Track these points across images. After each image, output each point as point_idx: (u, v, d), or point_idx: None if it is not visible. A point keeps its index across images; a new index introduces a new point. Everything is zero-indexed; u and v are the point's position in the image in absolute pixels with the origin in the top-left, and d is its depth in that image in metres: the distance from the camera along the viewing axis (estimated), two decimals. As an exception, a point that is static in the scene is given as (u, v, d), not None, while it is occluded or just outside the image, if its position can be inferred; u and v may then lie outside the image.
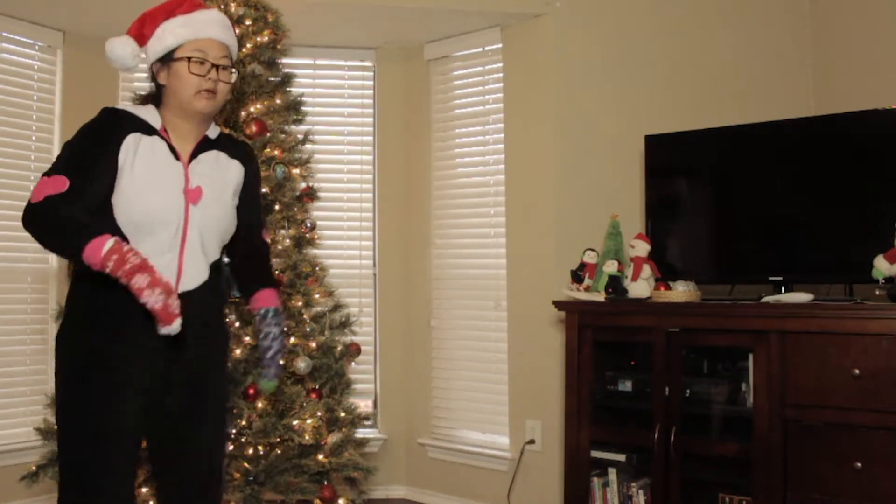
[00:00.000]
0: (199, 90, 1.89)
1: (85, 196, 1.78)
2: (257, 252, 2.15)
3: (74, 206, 1.74)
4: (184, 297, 1.81)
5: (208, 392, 1.98)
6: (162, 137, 1.90)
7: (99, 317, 1.83)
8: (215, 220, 1.93)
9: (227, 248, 2.06)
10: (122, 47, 1.93)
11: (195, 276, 1.90)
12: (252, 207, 2.11)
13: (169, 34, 1.91)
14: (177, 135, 1.93)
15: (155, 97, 1.97)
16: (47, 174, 1.78)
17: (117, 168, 1.82)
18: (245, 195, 2.06)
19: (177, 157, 1.90)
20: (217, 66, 1.91)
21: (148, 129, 1.89)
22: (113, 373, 1.82)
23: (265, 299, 2.11)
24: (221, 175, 1.98)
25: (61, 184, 1.75)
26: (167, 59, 1.91)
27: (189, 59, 1.88)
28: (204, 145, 1.98)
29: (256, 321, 2.13)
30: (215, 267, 1.97)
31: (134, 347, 1.83)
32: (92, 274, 1.71)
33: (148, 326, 1.73)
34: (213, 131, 2.03)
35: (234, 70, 1.98)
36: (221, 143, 2.03)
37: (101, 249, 1.66)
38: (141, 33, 1.94)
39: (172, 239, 1.85)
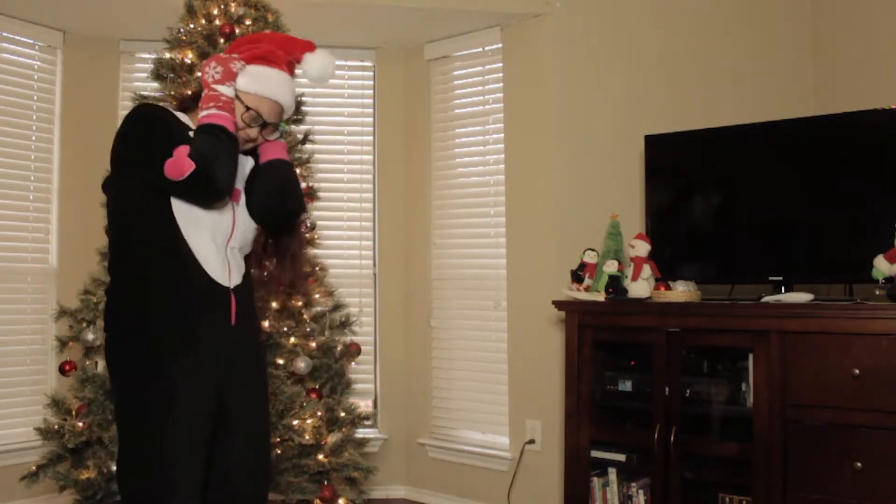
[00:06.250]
0: (246, 140, 1.97)
1: None
2: None
3: None
4: (234, 292, 1.92)
5: (262, 380, 2.09)
6: None
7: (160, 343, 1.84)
8: (248, 218, 2.01)
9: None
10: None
11: (239, 270, 1.97)
12: None
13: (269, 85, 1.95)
14: None
15: (194, 100, 1.99)
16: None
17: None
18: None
19: None
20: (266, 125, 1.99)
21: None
22: (176, 398, 1.81)
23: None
24: (244, 173, 2.05)
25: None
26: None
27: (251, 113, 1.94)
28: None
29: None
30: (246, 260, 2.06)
31: (192, 370, 1.84)
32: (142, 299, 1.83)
33: (212, 339, 1.87)
34: None
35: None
36: None
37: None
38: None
39: (222, 237, 1.91)
